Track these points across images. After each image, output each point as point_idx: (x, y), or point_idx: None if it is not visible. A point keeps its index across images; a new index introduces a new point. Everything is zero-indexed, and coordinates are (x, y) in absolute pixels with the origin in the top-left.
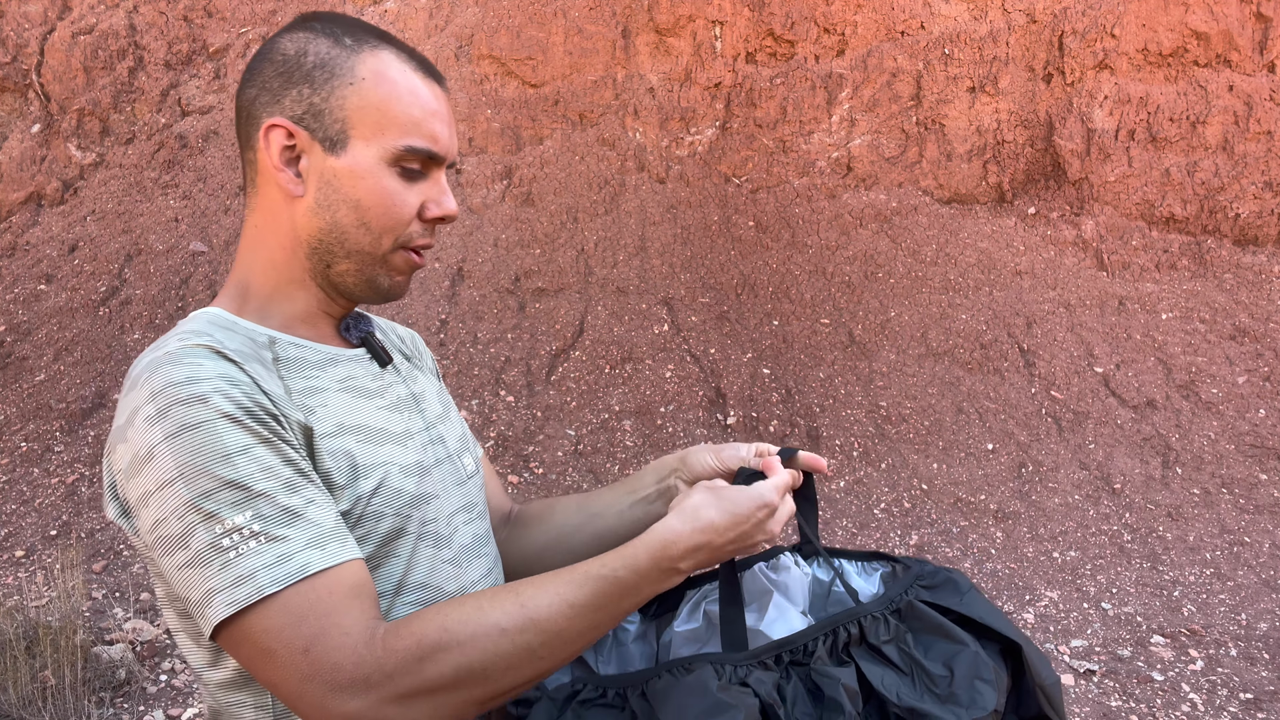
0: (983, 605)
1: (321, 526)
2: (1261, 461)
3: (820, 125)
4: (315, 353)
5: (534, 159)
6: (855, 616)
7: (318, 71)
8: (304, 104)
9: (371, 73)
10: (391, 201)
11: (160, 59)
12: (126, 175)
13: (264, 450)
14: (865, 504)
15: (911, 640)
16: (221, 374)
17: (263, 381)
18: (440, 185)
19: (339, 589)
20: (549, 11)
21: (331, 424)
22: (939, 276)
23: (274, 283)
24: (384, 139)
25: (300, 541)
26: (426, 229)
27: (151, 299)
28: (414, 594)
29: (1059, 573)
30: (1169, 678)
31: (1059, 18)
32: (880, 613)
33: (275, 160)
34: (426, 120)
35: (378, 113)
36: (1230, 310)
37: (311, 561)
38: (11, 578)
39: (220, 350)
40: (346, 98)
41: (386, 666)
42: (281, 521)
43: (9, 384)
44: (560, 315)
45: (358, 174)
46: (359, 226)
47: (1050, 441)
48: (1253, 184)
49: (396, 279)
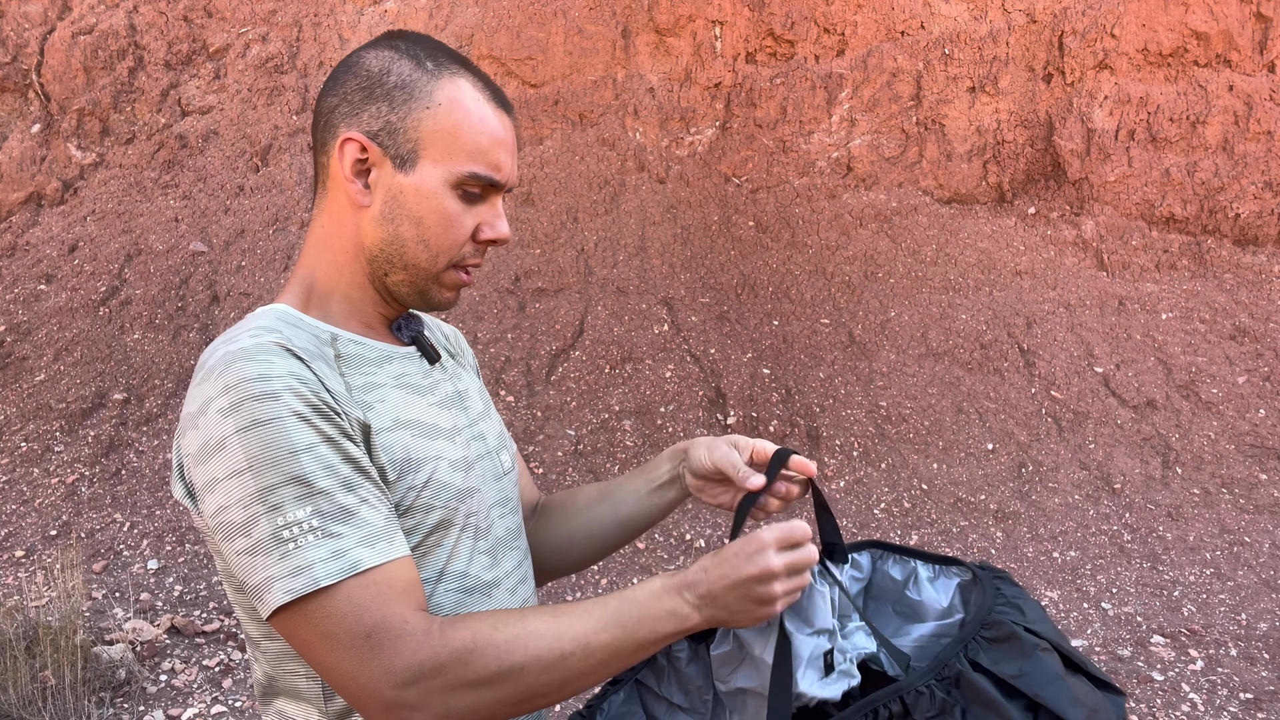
0: (1046, 671)
1: (373, 525)
2: (1261, 461)
3: (820, 125)
4: (373, 350)
5: (534, 159)
6: (898, 693)
7: (398, 91)
8: (381, 120)
9: (448, 99)
10: (450, 222)
11: (160, 59)
12: (126, 175)
13: (326, 448)
14: (865, 504)
15: (961, 717)
16: (291, 372)
17: (326, 379)
18: (497, 209)
19: (394, 584)
20: (549, 11)
21: (388, 419)
22: (939, 276)
23: (336, 283)
24: (451, 163)
25: (353, 539)
26: (478, 250)
27: (151, 299)
28: (454, 581)
29: (1059, 573)
30: (1169, 678)
31: (1059, 18)
32: (926, 686)
33: (347, 171)
34: (493, 149)
35: (449, 137)
36: (1230, 310)
37: (363, 559)
38: (11, 578)
39: (290, 348)
40: (422, 120)
41: (441, 657)
42: (338, 519)
43: (9, 384)
44: (560, 315)
45: (423, 193)
46: (419, 242)
47: (1050, 441)
48: (1253, 184)
49: (446, 295)
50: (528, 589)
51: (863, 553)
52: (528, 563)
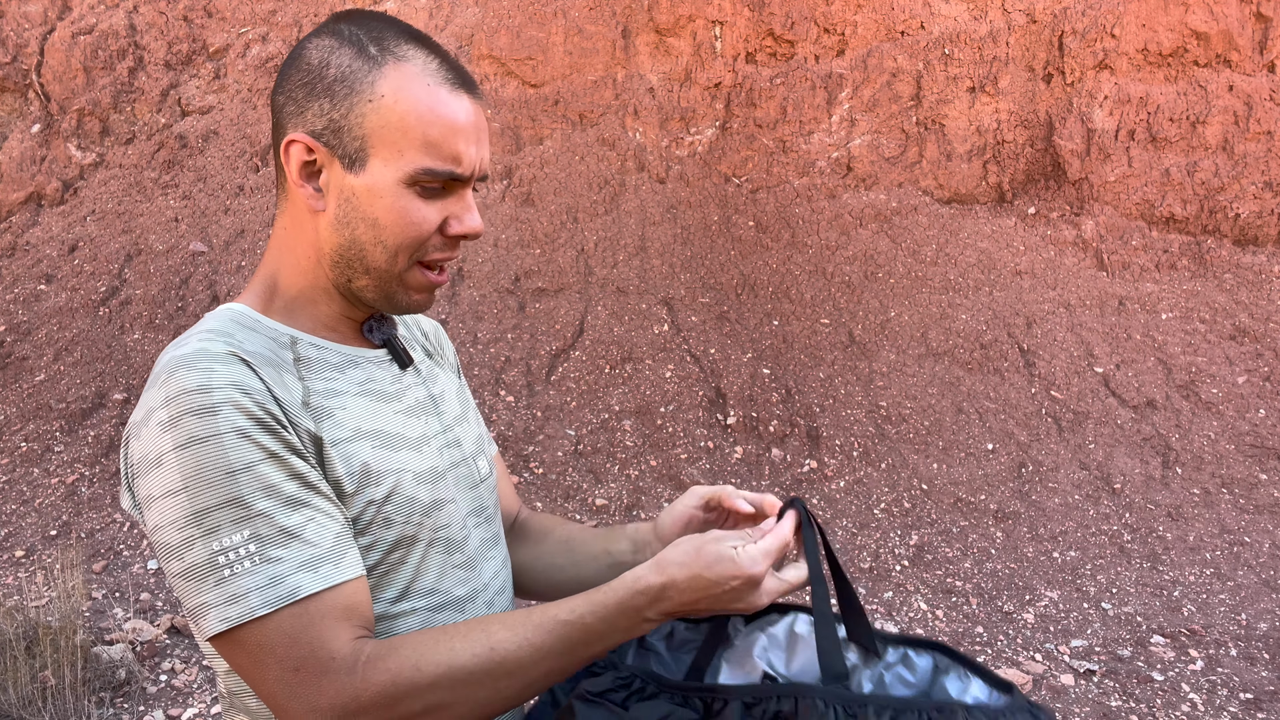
0: None
1: (318, 548)
2: (1261, 461)
3: (820, 125)
4: (336, 354)
5: (534, 159)
6: (793, 694)
7: (339, 85)
8: (324, 119)
9: (392, 89)
10: (408, 220)
11: (160, 59)
12: (126, 175)
13: (268, 467)
14: (865, 504)
15: None
16: (234, 381)
17: (276, 387)
18: (465, 201)
19: (331, 612)
20: (549, 11)
21: (348, 429)
22: (939, 276)
23: (300, 286)
24: (402, 160)
25: (293, 564)
26: (447, 245)
27: (151, 299)
28: (422, 599)
29: (1059, 573)
30: (1169, 678)
31: (1059, 18)
32: (826, 701)
33: (295, 175)
34: (448, 140)
35: (396, 133)
36: (1230, 310)
37: (303, 585)
38: (11, 578)
39: (237, 353)
40: (365, 115)
41: (363, 699)
42: (277, 543)
43: (9, 384)
44: (560, 315)
45: (375, 193)
46: (376, 245)
47: (1050, 441)
48: (1253, 184)
49: (415, 297)
50: (505, 599)
51: (923, 654)
52: (506, 571)
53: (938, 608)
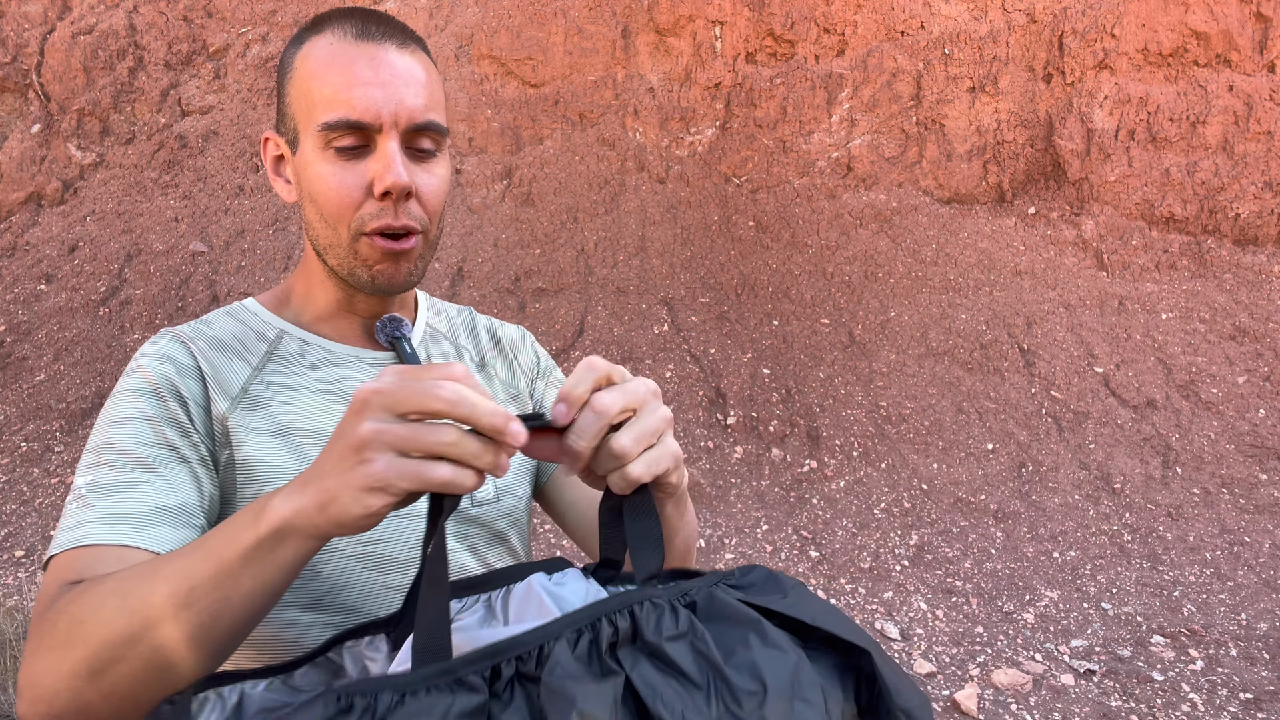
0: (816, 605)
1: (132, 509)
2: (1261, 461)
3: (820, 125)
4: (320, 351)
5: (534, 159)
6: (626, 604)
7: (279, 75)
8: (278, 111)
9: (302, 58)
10: (328, 186)
11: (160, 59)
12: (126, 175)
13: (142, 425)
14: (865, 504)
15: (711, 641)
16: (163, 353)
17: (206, 366)
18: (383, 155)
19: (100, 565)
20: (549, 11)
21: (278, 422)
22: (939, 276)
23: (305, 280)
24: (311, 123)
25: (99, 514)
26: (383, 209)
27: (151, 299)
28: (338, 615)
29: (1059, 573)
30: (1169, 678)
31: (1059, 18)
32: (666, 600)
33: (269, 170)
34: (344, 89)
35: (306, 98)
36: (1230, 310)
37: (91, 533)
38: (11, 578)
39: (180, 335)
40: (289, 93)
41: (34, 628)
42: (103, 493)
43: (9, 384)
44: (560, 315)
45: (305, 165)
46: (318, 220)
47: (1050, 441)
48: (1253, 184)
49: (376, 269)
50: None
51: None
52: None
53: (938, 608)
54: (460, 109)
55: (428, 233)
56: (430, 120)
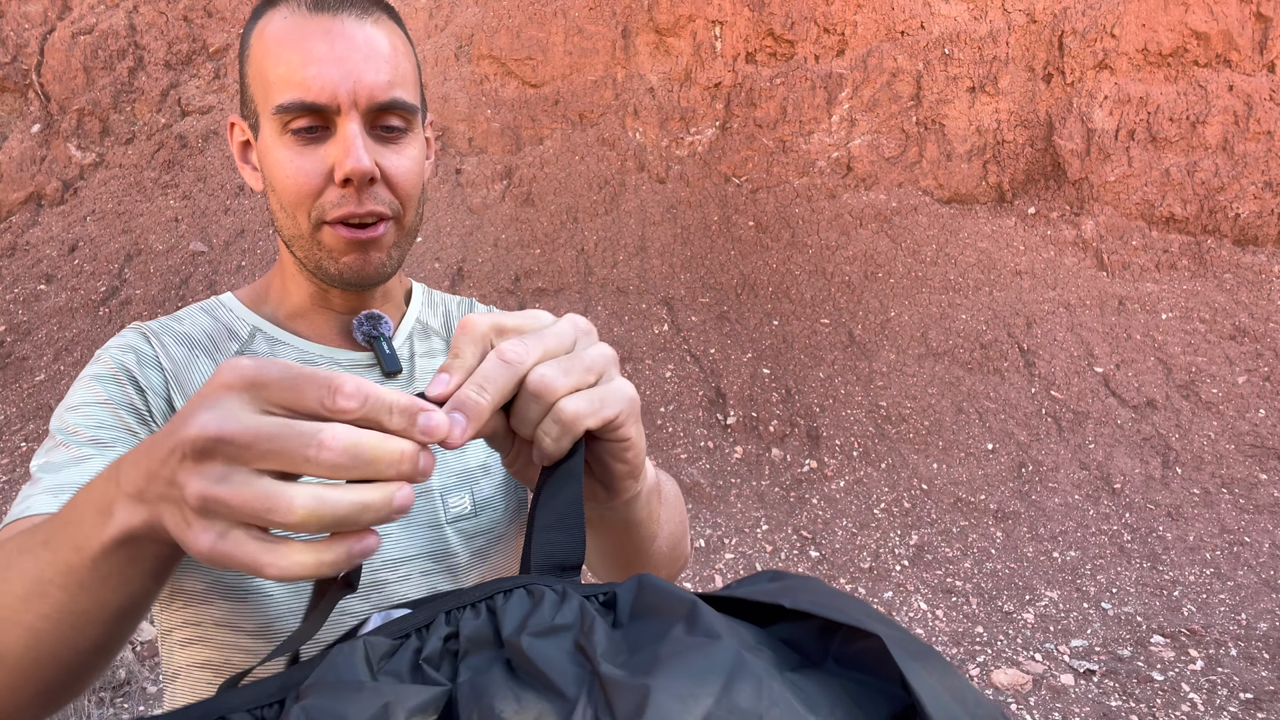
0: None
1: (76, 479)
2: (1261, 461)
3: (820, 125)
4: (293, 352)
5: (534, 159)
6: (485, 596)
7: (240, 53)
8: (240, 93)
9: (257, 36)
10: (286, 173)
11: (160, 59)
12: (126, 175)
13: (100, 409)
14: (865, 504)
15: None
16: (127, 343)
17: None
18: (342, 138)
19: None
20: (549, 11)
21: None
22: (939, 276)
23: (280, 276)
24: (268, 106)
25: (45, 486)
26: (345, 196)
27: (151, 299)
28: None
29: (1059, 573)
30: (1169, 678)
31: (1059, 18)
32: (551, 587)
33: (237, 157)
34: (298, 68)
35: (261, 80)
36: (1230, 310)
37: (35, 505)
38: None
39: (144, 329)
40: (247, 73)
41: None
42: (54, 470)
43: (9, 384)
44: (560, 315)
45: (265, 151)
46: (279, 209)
47: (1050, 441)
48: (1253, 184)
49: (342, 260)
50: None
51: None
52: None
53: (938, 608)
54: (460, 109)
55: (400, 218)
56: (395, 98)
